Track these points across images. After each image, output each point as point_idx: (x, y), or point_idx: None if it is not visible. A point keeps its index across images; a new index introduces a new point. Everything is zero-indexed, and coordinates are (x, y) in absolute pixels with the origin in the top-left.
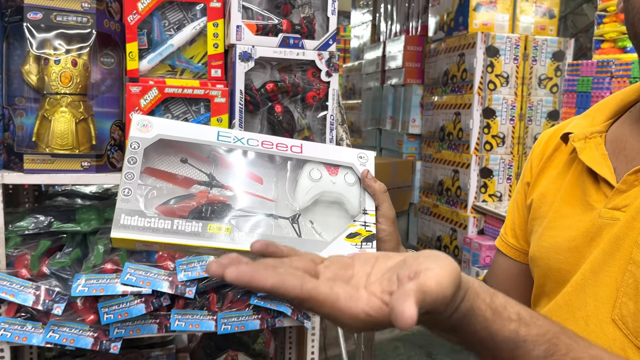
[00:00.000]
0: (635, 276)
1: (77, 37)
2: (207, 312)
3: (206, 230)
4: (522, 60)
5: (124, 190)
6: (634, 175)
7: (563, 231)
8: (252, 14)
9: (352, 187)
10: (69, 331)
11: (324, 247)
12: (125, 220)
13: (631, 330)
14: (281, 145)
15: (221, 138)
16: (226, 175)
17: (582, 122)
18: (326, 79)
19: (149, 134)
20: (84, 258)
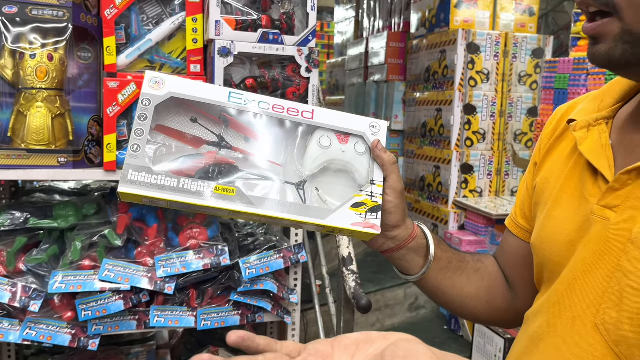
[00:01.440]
0: (620, 284)
1: (53, 31)
2: (187, 308)
3: (211, 191)
4: (503, 57)
5: (133, 146)
6: (627, 175)
7: (559, 223)
8: (231, 9)
9: (362, 156)
10: (46, 328)
11: (328, 214)
12: (133, 175)
13: (612, 338)
14: (292, 110)
15: (232, 99)
16: (235, 137)
17: (589, 105)
18: (306, 74)
19: (160, 91)
20: (61, 255)
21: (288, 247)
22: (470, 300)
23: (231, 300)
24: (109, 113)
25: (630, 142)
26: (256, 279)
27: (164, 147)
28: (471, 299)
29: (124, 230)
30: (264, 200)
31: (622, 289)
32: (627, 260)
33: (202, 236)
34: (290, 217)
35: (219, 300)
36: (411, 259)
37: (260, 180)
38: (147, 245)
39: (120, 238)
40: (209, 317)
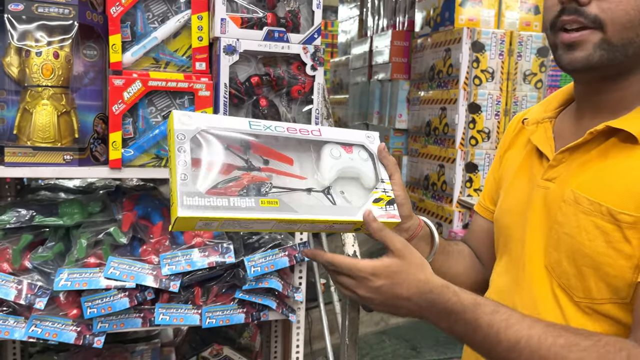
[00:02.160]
0: (558, 233)
1: (59, 29)
2: (192, 306)
3: (259, 205)
4: (508, 55)
5: (182, 175)
6: (561, 154)
7: (514, 197)
8: (236, 7)
9: (366, 162)
10: (51, 325)
11: (357, 211)
12: (188, 201)
13: (557, 274)
14: (303, 130)
15: (253, 127)
16: (259, 160)
17: (538, 109)
18: (311, 72)
19: (190, 126)
20: (66, 252)
21: (293, 245)
22: (459, 278)
23: (236, 298)
24: (115, 111)
25: (565, 134)
26: (261, 277)
27: (202, 176)
28: (460, 276)
29: (129, 228)
30: (303, 207)
31: (559, 236)
32: (562, 215)
33: (207, 234)
34: (328, 217)
35: (224, 298)
36: (420, 246)
37: (293, 192)
38: (153, 243)
39: (125, 236)
40: (214, 315)
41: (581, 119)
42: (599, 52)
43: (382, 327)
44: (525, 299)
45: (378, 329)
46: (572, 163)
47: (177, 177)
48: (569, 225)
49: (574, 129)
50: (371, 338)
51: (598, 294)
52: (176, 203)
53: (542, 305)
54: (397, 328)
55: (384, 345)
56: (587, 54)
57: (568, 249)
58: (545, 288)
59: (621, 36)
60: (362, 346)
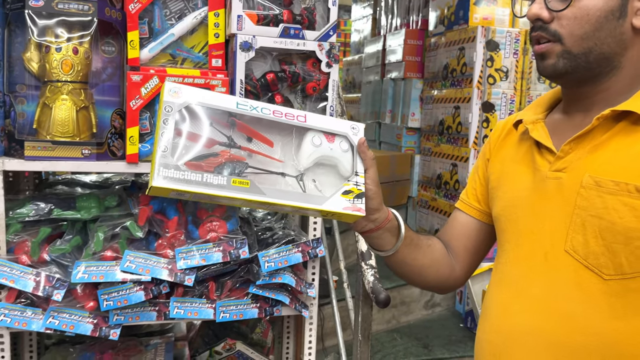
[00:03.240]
0: (581, 216)
1: (79, 25)
2: (206, 301)
3: (229, 183)
4: (522, 54)
5: (163, 147)
6: (568, 145)
7: (518, 191)
8: (253, 4)
9: (346, 153)
10: (68, 317)
11: (324, 201)
12: (163, 172)
13: (581, 256)
14: (289, 115)
15: (240, 106)
16: (242, 138)
17: (528, 112)
18: (326, 69)
19: (179, 99)
20: (84, 245)
21: (306, 242)
22: (425, 270)
23: (249, 293)
24: (132, 106)
25: (558, 131)
26: (275, 272)
27: (184, 148)
28: (426, 269)
29: (145, 222)
30: (272, 191)
31: (583, 219)
32: (583, 200)
33: (222, 229)
34: (294, 204)
35: (238, 292)
36: (386, 237)
37: (267, 174)
38: (168, 238)
39: (141, 230)
40: (228, 309)
41: (573, 116)
42: (562, 60)
43: (394, 325)
44: (544, 286)
45: (389, 326)
46: (581, 151)
47: (158, 147)
48: (595, 207)
49: (567, 125)
50: (382, 336)
51: (629, 268)
52: (153, 171)
53: (563, 290)
54: (408, 326)
55: (395, 343)
56: (552, 62)
57: (595, 230)
58: (567, 272)
59: (580, 46)
60: (374, 344)
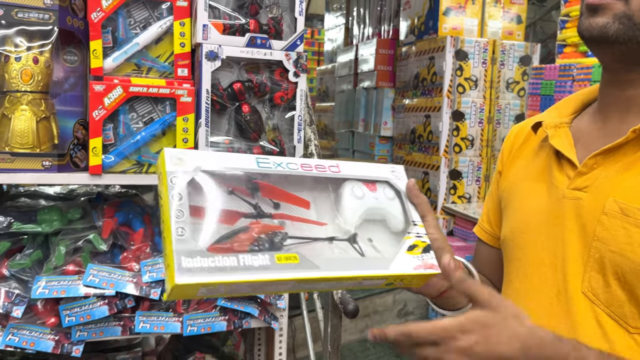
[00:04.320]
0: (600, 251)
1: (39, 34)
2: (173, 314)
3: (275, 262)
4: (491, 64)
5: (178, 229)
6: (593, 159)
7: (530, 212)
8: (219, 14)
9: (393, 201)
10: (29, 334)
11: (388, 263)
12: (187, 262)
13: (602, 301)
14: (320, 167)
15: (261, 165)
16: (269, 204)
17: (551, 113)
18: (294, 79)
19: (185, 166)
20: (45, 260)
21: None
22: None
23: (218, 305)
24: (95, 116)
25: (585, 139)
26: None
27: (203, 229)
28: None
29: (110, 235)
30: (327, 261)
31: (602, 255)
32: (603, 229)
33: None
34: (356, 273)
35: (206, 305)
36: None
37: (314, 242)
38: (133, 250)
39: (105, 243)
40: (195, 322)
41: (607, 120)
42: (617, 24)
43: (367, 335)
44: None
45: (362, 336)
46: (609, 168)
47: (172, 231)
48: (616, 241)
49: (598, 132)
50: (355, 346)
51: None
52: (172, 265)
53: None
54: None
55: (368, 352)
56: (605, 22)
57: (617, 270)
58: (587, 318)
59: None
60: (346, 354)
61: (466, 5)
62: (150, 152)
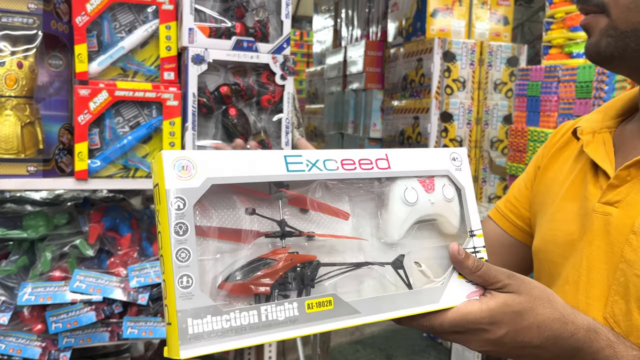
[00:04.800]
0: (626, 275)
1: (23, 39)
2: (161, 319)
3: (305, 312)
4: (478, 65)
5: (181, 279)
6: (626, 171)
7: (562, 224)
8: (205, 17)
9: (451, 202)
10: (15, 341)
11: (441, 293)
12: (196, 326)
13: (622, 329)
14: (364, 162)
15: (291, 167)
16: (299, 217)
17: (594, 116)
18: (281, 82)
19: (194, 180)
20: (31, 266)
21: None
22: None
23: None
24: (80, 121)
25: (627, 148)
26: None
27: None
28: None
29: (96, 240)
30: (368, 302)
31: (627, 279)
32: (631, 250)
33: None
34: (402, 313)
35: None
36: None
37: (351, 270)
38: (120, 255)
39: (92, 248)
40: None
41: None
42: (605, 38)
43: (358, 337)
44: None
45: (353, 338)
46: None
47: (174, 283)
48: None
49: (637, 141)
50: (346, 348)
51: None
52: (175, 330)
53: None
54: (372, 337)
55: (358, 355)
56: (595, 40)
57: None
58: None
59: (627, 20)
60: (337, 356)
61: (453, 7)
62: (137, 156)
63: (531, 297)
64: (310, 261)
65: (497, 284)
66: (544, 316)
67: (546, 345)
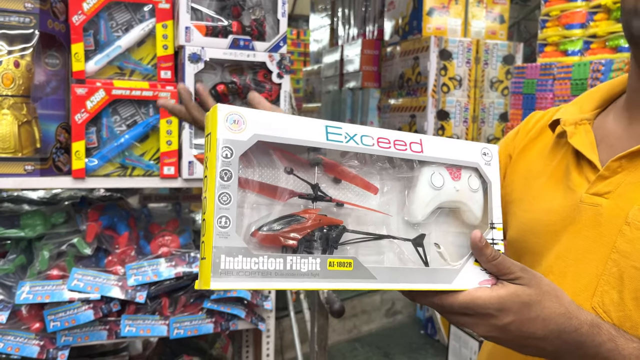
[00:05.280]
0: (619, 265)
1: (20, 38)
2: (159, 317)
3: (326, 268)
4: (474, 63)
5: (220, 219)
6: (618, 162)
7: (542, 214)
8: (201, 16)
9: (475, 193)
10: (13, 340)
11: (455, 275)
12: (228, 263)
13: (613, 319)
14: (399, 143)
15: (331, 136)
16: (332, 185)
17: (571, 109)
18: (278, 80)
19: (243, 134)
20: (28, 264)
21: None
22: None
23: (204, 308)
24: (77, 120)
25: (610, 139)
26: None
27: (251, 209)
28: None
29: (94, 239)
30: (384, 271)
31: (622, 270)
32: (625, 241)
33: (174, 244)
34: (416, 287)
35: (192, 308)
36: None
37: (373, 240)
38: (118, 254)
39: (89, 246)
40: (182, 325)
41: (634, 119)
42: None
43: (355, 335)
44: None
45: (351, 336)
46: (635, 173)
47: (214, 221)
48: (638, 256)
49: (623, 132)
50: (344, 346)
51: None
52: (209, 263)
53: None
54: (369, 335)
55: (356, 352)
56: None
57: (637, 288)
58: None
59: None
60: (335, 354)
61: (449, 6)
62: (134, 155)
63: (540, 291)
64: (337, 225)
65: (510, 275)
66: (550, 310)
67: (550, 338)
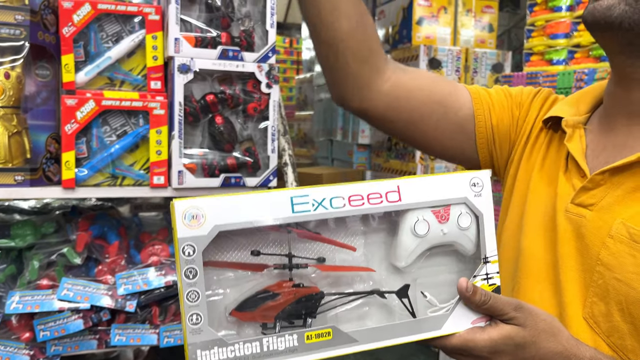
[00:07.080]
0: (604, 278)
1: (10, 50)
2: (149, 326)
3: (304, 342)
4: (464, 71)
5: (191, 317)
6: (601, 175)
7: (532, 219)
8: (190, 27)
9: (467, 230)
10: (3, 350)
11: (444, 320)
12: (204, 356)
13: (603, 330)
14: (373, 196)
15: (297, 207)
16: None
17: (568, 109)
18: (266, 90)
19: (202, 228)
20: (18, 274)
21: None
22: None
23: None
24: (67, 130)
25: (597, 146)
26: None
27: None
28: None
29: (84, 248)
30: (367, 332)
31: (606, 282)
32: (609, 254)
33: (164, 253)
34: (402, 340)
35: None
36: None
37: (354, 299)
38: (108, 263)
39: (79, 256)
40: (172, 334)
41: (613, 126)
42: (622, 5)
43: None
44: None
45: None
46: (617, 187)
47: (186, 319)
48: (622, 269)
49: (606, 140)
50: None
51: None
52: (187, 358)
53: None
54: None
55: (347, 358)
56: (610, 3)
57: (622, 300)
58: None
59: None
60: None
61: (439, 15)
62: (124, 164)
63: (536, 331)
64: (314, 293)
65: (504, 316)
66: (546, 349)
67: None
